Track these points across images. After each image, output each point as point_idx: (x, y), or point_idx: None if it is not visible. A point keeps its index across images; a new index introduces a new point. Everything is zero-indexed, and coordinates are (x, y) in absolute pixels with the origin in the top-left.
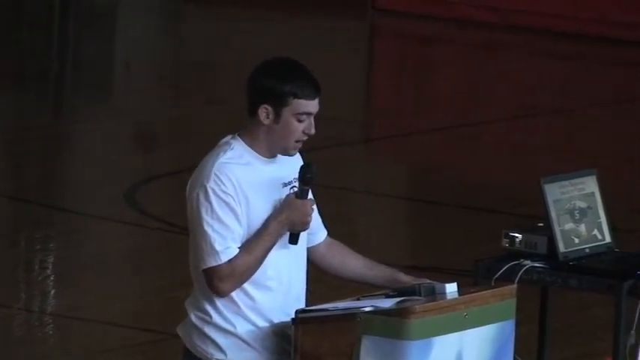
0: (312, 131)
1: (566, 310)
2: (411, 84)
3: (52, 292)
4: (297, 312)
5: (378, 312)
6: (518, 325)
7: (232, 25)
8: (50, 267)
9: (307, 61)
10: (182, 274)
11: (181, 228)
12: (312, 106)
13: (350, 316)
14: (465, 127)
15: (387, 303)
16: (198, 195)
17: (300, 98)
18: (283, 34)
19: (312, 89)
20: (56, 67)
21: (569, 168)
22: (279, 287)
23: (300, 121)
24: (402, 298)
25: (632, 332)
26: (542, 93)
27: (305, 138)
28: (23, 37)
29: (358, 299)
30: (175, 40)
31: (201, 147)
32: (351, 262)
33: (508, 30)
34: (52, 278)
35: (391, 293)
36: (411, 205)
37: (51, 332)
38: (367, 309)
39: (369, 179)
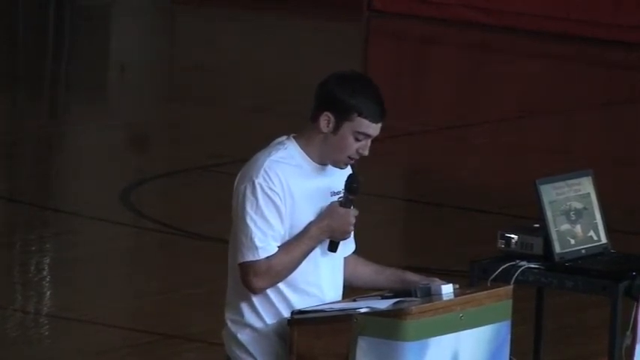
0: (366, 153)
1: (561, 311)
2: (406, 85)
3: (47, 293)
4: (292, 313)
5: (374, 313)
6: (514, 326)
7: (226, 26)
8: (45, 268)
9: (302, 63)
10: (176, 276)
11: (176, 229)
12: (373, 129)
13: (346, 317)
14: (459, 128)
15: (383, 304)
16: (245, 188)
17: (364, 118)
18: (278, 35)
19: (378, 113)
20: (51, 67)
21: (563, 169)
22: (317, 293)
23: (357, 139)
24: (398, 299)
25: (628, 333)
26: (536, 94)
27: (357, 157)
28: (18, 38)
29: (354, 300)
30: (169, 41)
31: (196, 148)
32: (361, 270)
33: (502, 31)
34: (46, 279)
35: (387, 294)
36: (406, 206)
37: (46, 333)
38: (363, 310)
39: (364, 179)
